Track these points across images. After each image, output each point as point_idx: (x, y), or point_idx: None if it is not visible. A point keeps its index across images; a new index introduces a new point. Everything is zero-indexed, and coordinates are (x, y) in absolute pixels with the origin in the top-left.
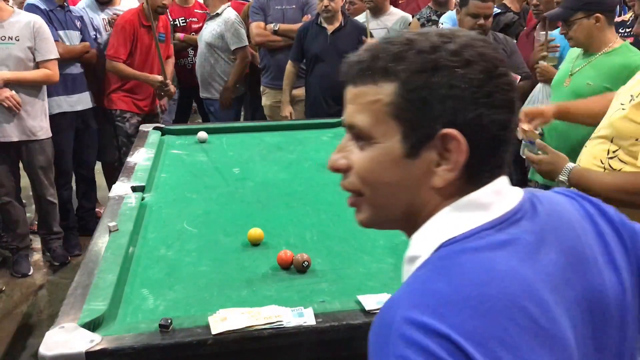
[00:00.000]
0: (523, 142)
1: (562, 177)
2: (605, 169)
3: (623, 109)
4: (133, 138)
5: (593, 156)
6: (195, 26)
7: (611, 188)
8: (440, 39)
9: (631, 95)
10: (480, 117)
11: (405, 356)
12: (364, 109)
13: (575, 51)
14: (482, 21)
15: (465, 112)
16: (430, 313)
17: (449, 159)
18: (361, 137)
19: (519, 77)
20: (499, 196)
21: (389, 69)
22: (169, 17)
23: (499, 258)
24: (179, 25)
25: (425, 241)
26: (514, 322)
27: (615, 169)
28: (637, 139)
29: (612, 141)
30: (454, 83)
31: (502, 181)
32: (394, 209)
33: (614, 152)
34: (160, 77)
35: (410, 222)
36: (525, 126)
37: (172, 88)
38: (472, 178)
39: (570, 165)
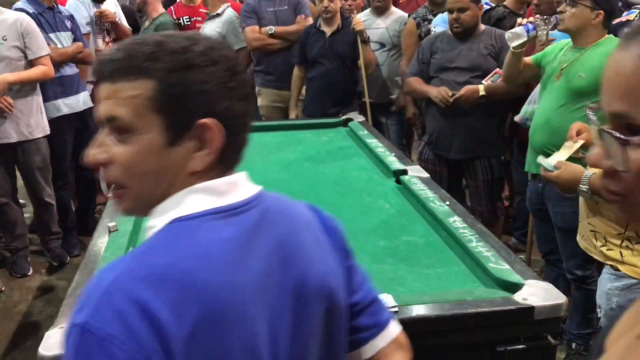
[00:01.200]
0: (516, 29)
1: (583, 187)
2: None
3: None
4: None
5: None
6: (199, 25)
7: None
8: (187, 41)
9: None
10: (229, 108)
11: (99, 313)
12: (124, 103)
13: (559, 46)
14: (454, 15)
15: (217, 104)
16: (139, 282)
17: (206, 145)
18: (122, 129)
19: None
20: (234, 187)
21: (146, 67)
22: (174, 15)
23: (212, 244)
24: (183, 24)
25: (161, 214)
26: (208, 304)
27: None
28: None
29: None
30: (205, 79)
31: (242, 175)
32: (156, 195)
33: None
34: None
35: None
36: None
37: None
38: (222, 162)
39: (589, 173)
